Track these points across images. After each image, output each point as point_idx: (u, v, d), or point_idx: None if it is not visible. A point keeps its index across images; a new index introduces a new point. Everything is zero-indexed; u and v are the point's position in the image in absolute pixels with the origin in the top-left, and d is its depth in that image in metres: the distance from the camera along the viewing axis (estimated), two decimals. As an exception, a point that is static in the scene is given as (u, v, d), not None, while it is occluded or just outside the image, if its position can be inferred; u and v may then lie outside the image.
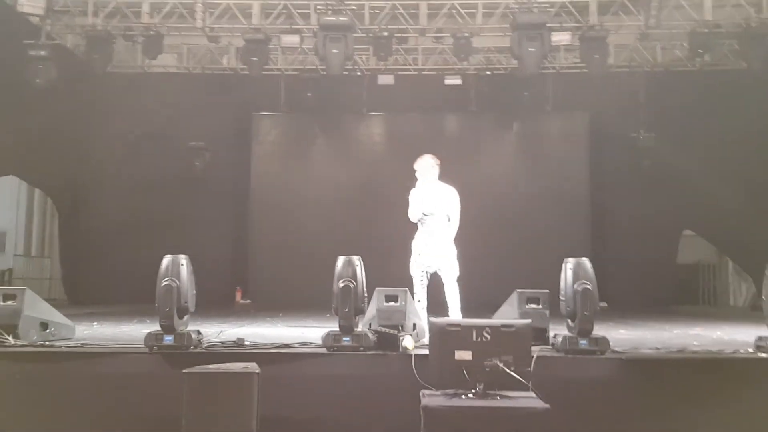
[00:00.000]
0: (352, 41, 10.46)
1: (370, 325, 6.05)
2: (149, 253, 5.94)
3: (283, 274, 13.53)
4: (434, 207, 6.89)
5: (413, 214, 6.92)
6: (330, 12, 10.68)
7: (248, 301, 13.84)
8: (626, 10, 11.69)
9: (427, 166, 6.95)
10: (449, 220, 6.98)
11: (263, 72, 12.06)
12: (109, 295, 12.69)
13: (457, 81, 13.21)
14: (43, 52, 11.00)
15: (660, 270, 13.96)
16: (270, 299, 12.99)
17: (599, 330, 5.78)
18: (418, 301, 6.95)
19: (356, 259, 5.67)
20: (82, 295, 13.59)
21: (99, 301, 12.34)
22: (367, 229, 13.00)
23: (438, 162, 7.01)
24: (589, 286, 5.43)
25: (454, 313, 6.89)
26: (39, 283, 15.16)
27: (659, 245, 14.03)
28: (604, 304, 13.49)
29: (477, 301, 7.39)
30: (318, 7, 11.26)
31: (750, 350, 5.75)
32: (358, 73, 13.43)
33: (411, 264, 7.09)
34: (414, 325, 6.14)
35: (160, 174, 13.61)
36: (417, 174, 6.99)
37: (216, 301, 12.86)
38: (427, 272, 7.05)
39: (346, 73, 12.14)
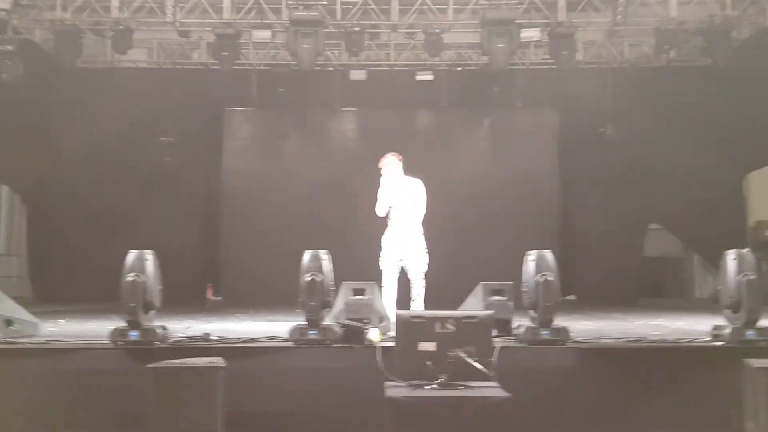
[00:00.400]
0: (322, 36, 10.50)
1: (338, 318, 6.12)
2: (119, 250, 5.90)
3: (254, 270, 13.51)
4: (400, 200, 7.13)
5: (380, 209, 7.15)
6: (301, 7, 10.70)
7: (219, 298, 13.77)
8: (594, 6, 11.82)
9: (391, 163, 7.20)
10: (414, 207, 7.22)
11: (235, 67, 12.04)
12: (78, 292, 12.58)
13: (429, 77, 13.30)
14: (9, 47, 10.89)
15: (627, 263, 14.17)
16: (241, 295, 12.96)
17: (565, 321, 5.92)
18: (387, 294, 7.15)
19: (323, 253, 5.72)
20: (50, 293, 13.45)
21: (67, 299, 12.22)
22: (340, 224, 13.03)
23: (401, 158, 7.31)
24: (550, 278, 5.54)
25: (417, 307, 7.07)
26: (6, 282, 14.88)
27: (626, 239, 14.26)
28: (572, 297, 13.74)
29: (447, 293, 7.47)
30: (289, 2, 11.27)
31: (707, 339, 5.91)
32: (330, 69, 13.45)
33: (381, 258, 7.28)
34: (381, 318, 6.22)
35: (130, 170, 13.51)
36: (382, 171, 7.25)
37: (187, 298, 12.82)
38: (396, 266, 7.26)
39: (318, 68, 12.17)
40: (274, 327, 7.08)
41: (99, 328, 7.18)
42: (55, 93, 13.15)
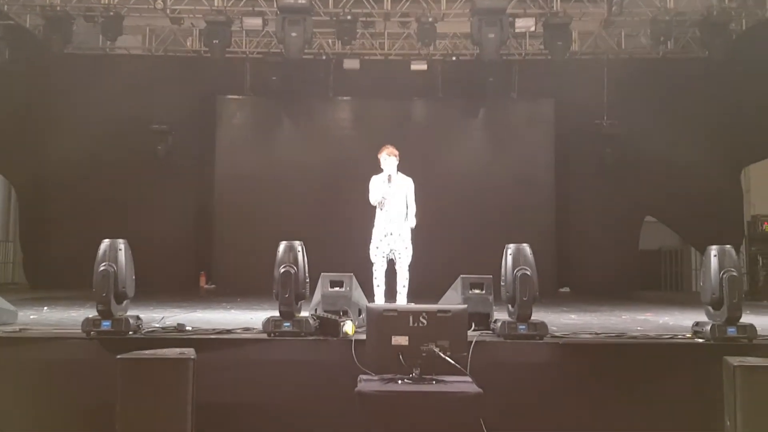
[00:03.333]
0: (311, 24, 10.37)
1: (315, 310, 6.07)
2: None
3: (247, 258, 13.37)
4: (394, 193, 7.15)
5: (374, 198, 7.09)
6: (291, -6, 10.56)
7: (213, 286, 13.77)
8: (589, -4, 11.68)
9: (392, 155, 7.23)
10: (407, 207, 7.27)
11: (228, 55, 11.94)
12: (69, 279, 12.46)
13: (423, 66, 13.15)
14: (-5, 33, 10.83)
15: (623, 256, 14.06)
16: (234, 284, 12.89)
17: (550, 315, 5.86)
18: (378, 285, 7.16)
19: (298, 245, 5.65)
20: (42, 279, 13.44)
21: (59, 286, 12.19)
22: (333, 213, 12.96)
23: (397, 154, 7.31)
24: (528, 272, 5.46)
25: (402, 298, 7.04)
26: (3, 267, 14.99)
27: (622, 231, 14.14)
28: (566, 289, 13.68)
29: (438, 286, 7.40)
30: (279, -11, 11.13)
31: (687, 335, 5.83)
32: (323, 57, 13.33)
33: (371, 249, 7.24)
34: (359, 310, 6.15)
35: (122, 157, 13.43)
36: (382, 161, 7.23)
37: (181, 286, 12.82)
38: (386, 257, 7.23)
39: (310, 57, 12.05)
40: (259, 316, 7.00)
41: (79, 317, 7.10)
42: (46, 79, 13.09)
